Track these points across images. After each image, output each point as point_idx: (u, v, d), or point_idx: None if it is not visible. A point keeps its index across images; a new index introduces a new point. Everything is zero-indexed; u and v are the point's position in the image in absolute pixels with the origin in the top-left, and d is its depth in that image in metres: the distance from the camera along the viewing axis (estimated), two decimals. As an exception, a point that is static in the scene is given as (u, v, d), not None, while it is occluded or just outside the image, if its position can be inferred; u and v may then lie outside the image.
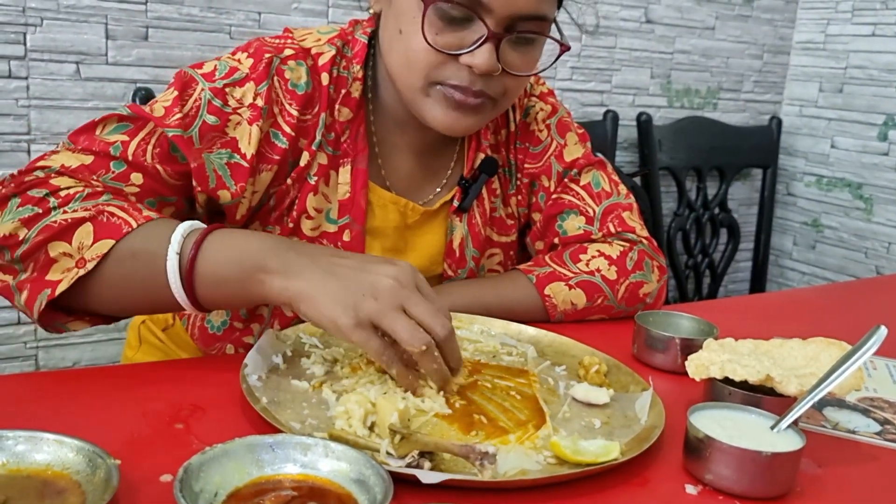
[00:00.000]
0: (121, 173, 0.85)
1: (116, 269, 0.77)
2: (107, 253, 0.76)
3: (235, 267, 0.76)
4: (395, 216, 1.01)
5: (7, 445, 0.57)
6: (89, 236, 0.77)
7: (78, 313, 0.82)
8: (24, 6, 1.50)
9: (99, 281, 0.77)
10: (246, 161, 0.89)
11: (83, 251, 0.76)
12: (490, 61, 0.86)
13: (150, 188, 0.86)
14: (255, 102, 0.90)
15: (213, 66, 0.92)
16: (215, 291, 0.77)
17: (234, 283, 0.76)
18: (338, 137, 0.96)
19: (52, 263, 0.77)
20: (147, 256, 0.76)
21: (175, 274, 0.75)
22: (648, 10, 2.28)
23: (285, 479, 0.58)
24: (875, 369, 0.97)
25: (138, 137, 0.86)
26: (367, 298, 0.72)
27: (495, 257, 1.10)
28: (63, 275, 0.76)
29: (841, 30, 2.45)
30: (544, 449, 0.68)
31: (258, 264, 0.75)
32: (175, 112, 0.87)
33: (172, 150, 0.87)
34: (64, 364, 1.68)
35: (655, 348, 0.91)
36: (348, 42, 0.98)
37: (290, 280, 0.74)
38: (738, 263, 2.65)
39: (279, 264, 0.75)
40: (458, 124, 0.92)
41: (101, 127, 0.87)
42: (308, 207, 0.95)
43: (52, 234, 0.77)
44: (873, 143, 2.39)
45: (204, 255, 0.76)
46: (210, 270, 0.76)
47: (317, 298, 0.73)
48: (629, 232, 1.08)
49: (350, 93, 0.96)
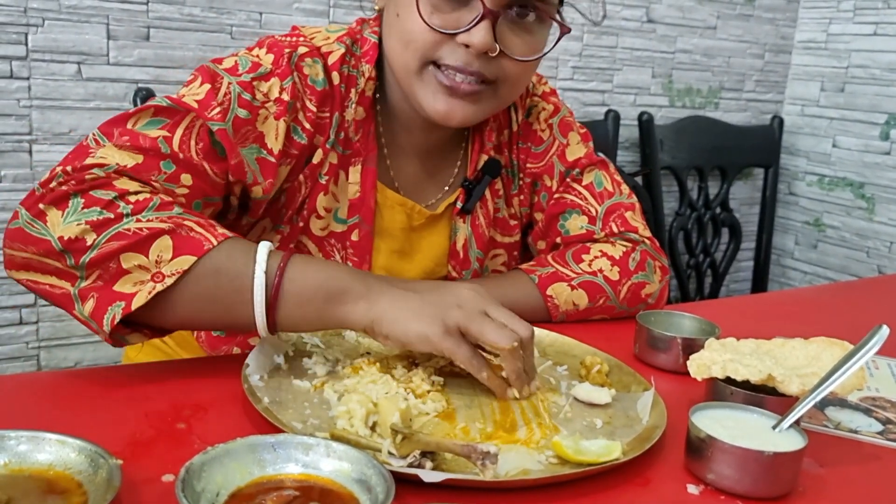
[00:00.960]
0: (172, 174, 0.81)
1: (196, 286, 0.74)
2: (187, 269, 0.73)
3: (320, 289, 0.76)
4: (402, 218, 1.01)
5: (9, 445, 0.57)
6: (168, 250, 0.73)
7: (138, 326, 0.78)
8: (25, 6, 1.50)
9: (174, 297, 0.74)
10: (273, 156, 0.89)
11: (161, 265, 0.73)
12: (486, 39, 0.86)
13: (199, 189, 0.84)
14: (280, 97, 0.89)
15: (233, 61, 0.90)
16: (296, 312, 0.76)
17: (317, 305, 0.76)
18: (348, 137, 0.96)
19: (123, 274, 0.73)
20: (231, 275, 0.75)
21: (261, 292, 0.74)
22: (650, 9, 2.28)
23: (287, 479, 0.58)
24: (877, 369, 0.97)
25: (179, 131, 0.82)
26: (452, 308, 0.75)
27: (499, 258, 1.10)
28: (136, 287, 0.73)
29: (843, 29, 2.45)
30: (546, 449, 0.68)
31: (342, 287, 0.76)
32: (213, 105, 0.84)
33: (213, 145, 0.84)
34: (66, 364, 1.68)
35: (657, 348, 0.91)
36: (357, 41, 0.98)
37: (373, 303, 0.76)
38: (740, 263, 2.65)
39: (361, 288, 0.77)
40: (454, 112, 0.91)
41: (135, 119, 0.82)
42: (318, 207, 0.95)
43: (129, 244, 0.72)
44: (875, 142, 2.39)
45: (289, 276, 0.76)
46: (294, 290, 0.76)
47: (402, 315, 0.75)
48: (632, 232, 1.08)
49: (364, 91, 0.96)
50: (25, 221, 0.75)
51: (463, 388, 0.78)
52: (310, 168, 0.94)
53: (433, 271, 1.04)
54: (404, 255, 1.02)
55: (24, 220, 0.75)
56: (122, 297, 0.73)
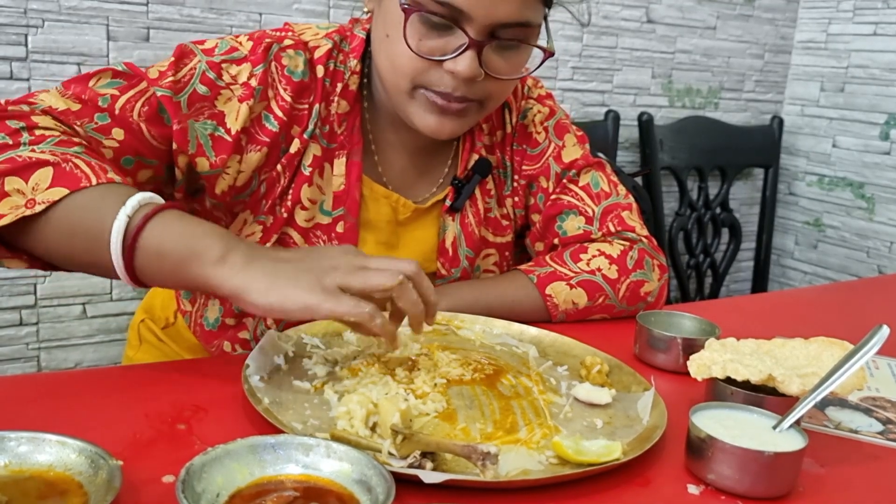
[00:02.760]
0: (103, 125, 0.85)
1: (63, 219, 0.76)
2: (58, 200, 0.75)
3: (179, 244, 0.73)
4: (388, 211, 1.02)
5: (9, 446, 0.57)
6: (46, 180, 0.76)
7: (18, 252, 0.80)
8: (25, 8, 1.50)
9: (43, 226, 0.76)
10: (230, 136, 0.91)
11: (36, 192, 0.75)
12: (471, 68, 0.87)
13: (130, 145, 0.87)
14: (248, 82, 0.91)
15: (214, 42, 0.94)
16: (152, 264, 0.74)
17: (174, 260, 0.73)
18: (333, 130, 0.97)
19: (3, 196, 0.76)
20: (96, 215, 0.75)
21: (118, 235, 0.73)
22: (649, 9, 2.28)
23: (287, 480, 0.58)
24: (877, 369, 0.97)
25: (129, 94, 0.87)
26: (327, 271, 0.73)
27: (491, 258, 1.10)
28: (10, 210, 0.75)
29: (842, 29, 2.45)
30: (546, 449, 0.68)
31: (202, 247, 0.73)
32: (168, 75, 0.89)
33: (160, 111, 0.88)
34: (66, 365, 1.68)
35: (657, 348, 0.91)
36: (346, 37, 0.99)
37: (236, 271, 0.72)
38: (740, 263, 2.65)
39: (222, 253, 0.73)
40: (443, 128, 0.93)
41: (96, 79, 0.88)
42: (302, 198, 0.96)
43: (13, 168, 0.76)
44: (875, 142, 2.39)
45: (152, 226, 0.74)
46: (154, 242, 0.74)
47: (276, 284, 0.71)
48: (629, 231, 1.08)
49: (348, 85, 0.97)
50: None
51: (463, 388, 0.78)
52: (287, 158, 0.95)
53: (421, 266, 1.04)
54: (391, 247, 1.03)
55: None
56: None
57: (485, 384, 0.79)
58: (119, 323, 1.71)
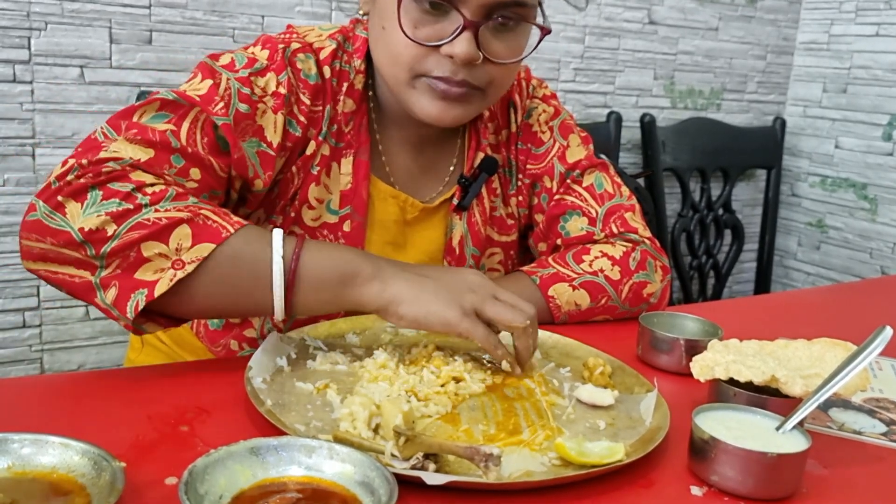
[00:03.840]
0: (181, 168, 0.83)
1: (215, 272, 0.76)
2: (207, 256, 0.75)
3: (334, 271, 0.79)
4: (395, 210, 1.02)
5: (12, 448, 0.57)
6: (188, 238, 0.75)
7: (155, 315, 0.79)
8: (28, 11, 1.50)
9: (194, 284, 0.76)
10: (272, 150, 0.91)
11: (181, 253, 0.75)
12: (469, 49, 0.87)
13: (206, 183, 0.86)
14: (277, 90, 0.91)
15: (229, 58, 0.92)
16: (313, 295, 0.79)
17: (332, 286, 0.79)
18: (340, 129, 0.97)
19: (143, 262, 0.75)
20: (249, 260, 0.77)
21: (280, 277, 0.77)
22: (651, 11, 2.28)
23: (290, 482, 0.58)
24: (880, 370, 0.97)
25: (186, 125, 0.84)
26: (466, 292, 0.80)
27: (495, 256, 1.10)
28: (157, 275, 0.74)
29: (844, 30, 2.45)
30: (549, 450, 0.68)
31: (355, 269, 0.79)
32: (216, 99, 0.86)
33: (217, 139, 0.85)
34: (69, 367, 1.68)
35: (660, 349, 0.91)
36: (349, 38, 1.00)
37: (386, 284, 0.79)
38: (743, 264, 2.65)
39: (373, 270, 0.80)
40: (446, 114, 0.92)
41: (141, 113, 0.84)
42: (310, 197, 0.96)
43: (149, 234, 0.74)
44: (877, 143, 2.39)
45: (305, 260, 0.78)
46: (312, 274, 0.78)
47: (420, 297, 0.78)
48: (632, 232, 1.08)
49: (353, 85, 0.98)
50: (44, 213, 0.76)
51: (466, 389, 0.79)
52: (302, 160, 0.95)
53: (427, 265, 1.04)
54: (398, 247, 1.03)
55: (41, 211, 0.76)
56: (145, 284, 0.75)
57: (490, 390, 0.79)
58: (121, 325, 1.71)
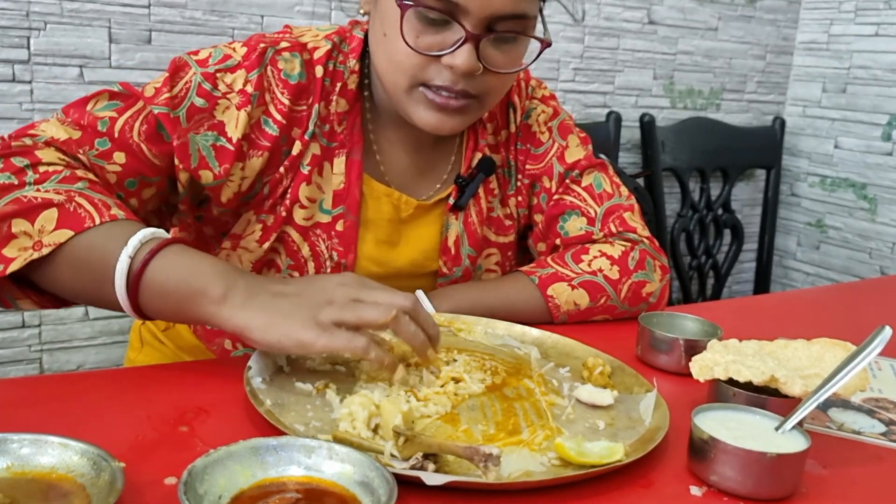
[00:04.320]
0: (105, 151, 0.86)
1: (69, 260, 0.77)
2: (63, 242, 0.76)
3: (181, 284, 0.75)
4: (389, 209, 1.02)
5: (12, 448, 0.57)
6: (52, 222, 0.77)
7: (28, 291, 0.82)
8: (27, 10, 1.50)
9: (52, 267, 0.78)
10: (232, 145, 0.91)
11: (43, 235, 0.77)
12: (470, 61, 0.87)
13: (132, 167, 0.88)
14: (244, 88, 0.92)
15: (208, 52, 0.94)
16: (156, 302, 0.77)
17: (176, 299, 0.75)
18: (332, 129, 0.97)
19: (11, 238, 0.77)
20: (101, 255, 0.76)
21: (122, 277, 0.75)
22: (651, 11, 2.28)
23: (289, 482, 0.58)
24: (880, 370, 0.97)
25: (127, 114, 0.88)
26: (322, 306, 0.74)
27: (493, 257, 1.10)
28: (18, 253, 0.76)
29: (844, 30, 2.45)
30: (548, 450, 0.68)
31: (202, 286, 0.75)
32: (164, 92, 0.89)
33: (158, 129, 0.89)
34: (68, 367, 1.68)
35: (659, 349, 0.91)
36: (346, 38, 1.00)
37: (237, 309, 0.74)
38: (742, 264, 2.65)
39: (223, 291, 0.74)
40: (444, 125, 0.93)
41: (94, 102, 0.89)
42: (301, 197, 0.96)
43: (19, 210, 0.77)
44: (877, 143, 2.39)
45: (154, 266, 0.76)
46: (156, 281, 0.76)
47: (270, 324, 0.73)
48: (630, 232, 1.08)
49: (347, 84, 0.98)
50: None
51: (465, 389, 0.78)
52: (289, 160, 0.96)
53: (422, 264, 1.04)
54: (392, 245, 1.03)
55: None
56: (4, 260, 0.77)
57: (491, 390, 0.79)
58: (121, 325, 1.71)
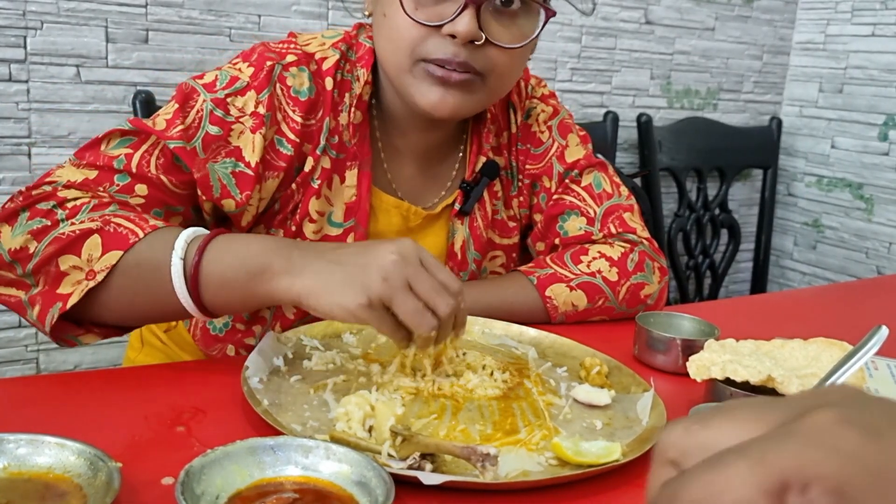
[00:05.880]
0: (125, 185, 0.85)
1: (125, 279, 0.77)
2: (115, 264, 0.76)
3: (240, 269, 0.75)
4: (398, 220, 1.02)
5: (8, 448, 0.57)
6: (98, 248, 0.76)
7: (88, 325, 0.81)
8: (24, 10, 1.50)
9: (108, 292, 0.77)
10: (251, 170, 0.90)
11: (92, 263, 0.76)
12: (470, 27, 0.86)
13: (156, 198, 0.87)
14: (256, 111, 0.90)
15: (213, 76, 0.92)
16: (220, 295, 0.77)
17: (240, 285, 0.76)
18: (342, 141, 0.96)
19: (62, 277, 0.77)
20: (153, 265, 0.76)
21: (180, 279, 0.75)
22: (648, 11, 2.28)
23: (287, 482, 0.58)
24: (876, 370, 0.97)
25: (141, 150, 0.86)
26: (375, 280, 0.72)
27: (497, 259, 1.10)
28: (73, 287, 0.76)
29: (841, 30, 2.45)
30: (546, 450, 0.68)
31: (262, 264, 0.75)
32: (177, 124, 0.87)
33: (175, 161, 0.87)
34: (65, 367, 1.68)
35: (656, 349, 0.91)
36: (352, 46, 0.99)
37: (295, 277, 0.74)
38: (739, 264, 2.65)
39: (282, 263, 0.75)
40: (444, 102, 0.90)
41: (106, 142, 0.87)
42: (311, 211, 0.95)
43: (62, 247, 0.76)
44: (873, 143, 2.39)
45: (207, 259, 0.76)
46: (214, 273, 0.76)
47: (325, 289, 0.73)
48: (630, 233, 1.08)
49: (361, 95, 0.96)
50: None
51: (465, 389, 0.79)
52: (301, 176, 0.94)
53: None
54: None
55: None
56: (61, 297, 0.76)
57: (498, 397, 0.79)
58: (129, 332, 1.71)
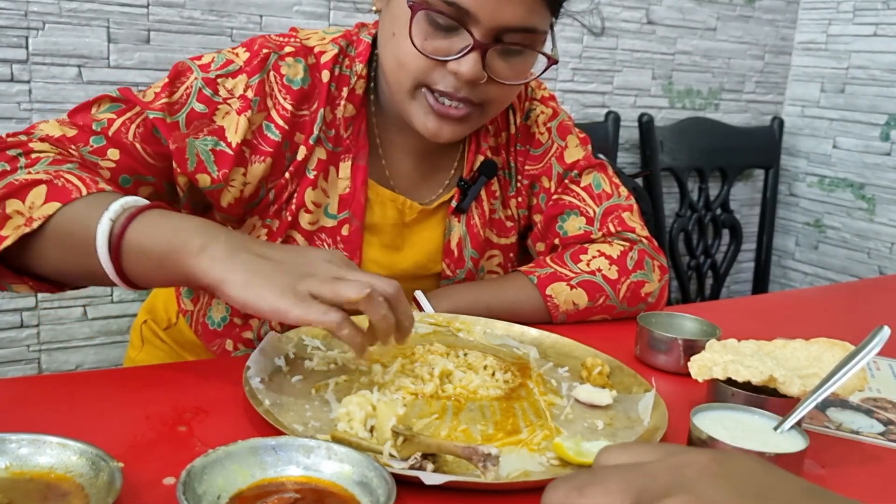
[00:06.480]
0: (99, 147, 0.88)
1: (57, 231, 0.77)
2: (51, 215, 0.76)
3: (162, 242, 0.73)
4: (394, 213, 1.02)
5: (10, 448, 0.57)
6: (41, 197, 0.78)
7: (24, 277, 0.82)
8: (26, 10, 1.50)
9: (43, 242, 0.78)
10: (231, 149, 0.91)
11: (33, 211, 0.77)
12: (475, 70, 0.87)
13: (127, 165, 0.89)
14: (245, 94, 0.92)
15: (211, 57, 0.95)
16: (139, 264, 0.75)
17: (157, 256, 0.73)
18: (338, 134, 0.97)
19: (6, 220, 0.78)
20: (84, 223, 0.75)
21: (104, 239, 0.74)
22: (650, 11, 2.28)
23: (288, 482, 0.58)
24: (878, 370, 0.97)
25: (124, 117, 0.89)
26: (304, 277, 0.71)
27: (495, 259, 1.10)
28: (12, 231, 0.77)
29: (842, 30, 2.45)
30: (547, 450, 0.68)
31: (184, 241, 0.73)
32: (162, 97, 0.90)
33: (154, 133, 0.89)
34: (67, 367, 1.68)
35: (658, 349, 0.91)
36: (352, 42, 1.00)
37: (217, 262, 0.71)
38: (741, 264, 2.65)
39: (203, 244, 0.72)
40: (442, 132, 0.93)
41: (96, 106, 0.91)
42: (306, 201, 0.96)
43: (10, 191, 0.78)
44: (875, 143, 2.39)
45: (134, 226, 0.74)
46: (136, 241, 0.74)
47: (252, 282, 0.70)
48: (629, 232, 1.08)
49: (354, 89, 0.98)
50: None
51: (464, 389, 0.79)
52: (294, 165, 0.96)
53: (426, 266, 1.05)
54: (395, 249, 1.03)
55: None
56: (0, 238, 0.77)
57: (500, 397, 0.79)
58: (119, 325, 1.71)
